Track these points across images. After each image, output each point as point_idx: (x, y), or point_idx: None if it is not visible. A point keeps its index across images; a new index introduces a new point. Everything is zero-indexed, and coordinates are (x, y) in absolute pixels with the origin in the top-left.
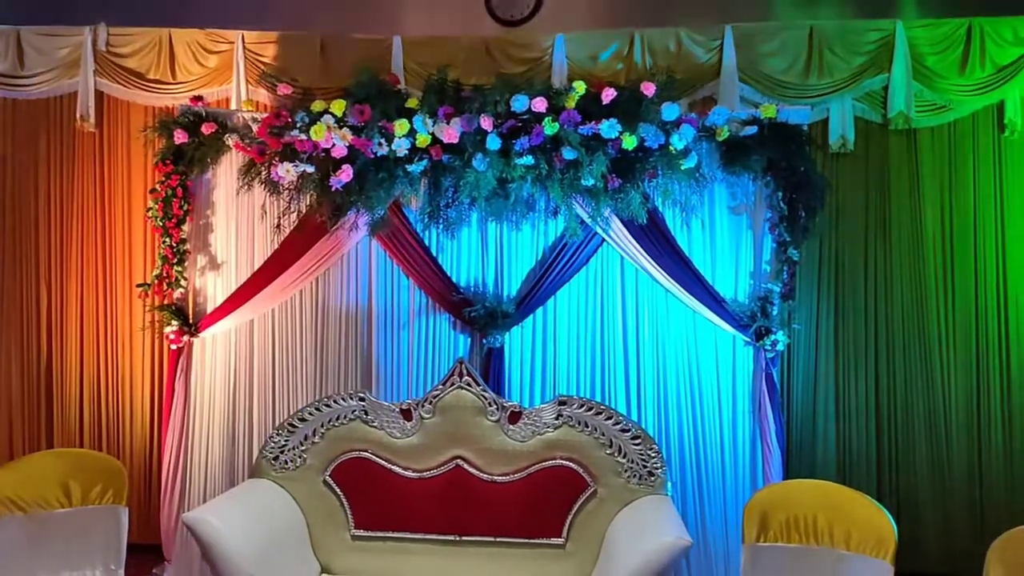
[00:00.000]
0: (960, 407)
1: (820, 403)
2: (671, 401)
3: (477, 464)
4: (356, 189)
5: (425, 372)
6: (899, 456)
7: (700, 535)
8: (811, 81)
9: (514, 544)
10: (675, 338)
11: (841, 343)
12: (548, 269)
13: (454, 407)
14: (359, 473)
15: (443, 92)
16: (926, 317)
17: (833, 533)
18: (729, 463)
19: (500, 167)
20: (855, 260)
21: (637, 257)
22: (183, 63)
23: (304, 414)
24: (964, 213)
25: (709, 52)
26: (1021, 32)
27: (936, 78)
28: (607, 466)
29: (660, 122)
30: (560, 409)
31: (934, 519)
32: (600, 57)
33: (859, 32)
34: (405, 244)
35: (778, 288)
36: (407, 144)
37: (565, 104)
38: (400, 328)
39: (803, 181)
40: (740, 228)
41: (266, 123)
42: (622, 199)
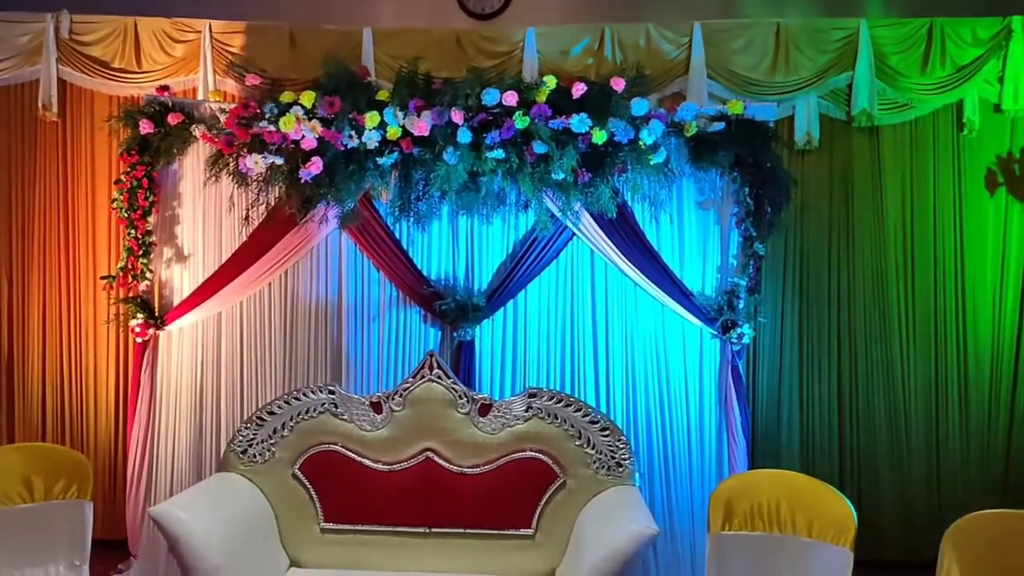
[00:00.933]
0: (919, 398)
1: (784, 394)
2: (639, 393)
3: (447, 456)
4: (326, 181)
5: (395, 365)
6: (860, 445)
7: (667, 524)
8: (778, 78)
9: (484, 536)
10: (643, 331)
11: (805, 336)
12: (519, 263)
13: (424, 400)
14: (328, 466)
15: (414, 85)
16: (887, 310)
17: (795, 521)
18: (696, 454)
19: (471, 160)
20: (819, 255)
21: (607, 251)
22: (149, 52)
23: (273, 407)
24: (924, 209)
25: (678, 48)
26: (980, 33)
27: (898, 77)
28: (576, 457)
29: (630, 117)
30: (530, 401)
31: (893, 506)
32: (571, 52)
33: (824, 31)
34: (375, 237)
35: (744, 282)
36: (377, 136)
37: (536, 98)
38: (370, 321)
39: (769, 177)
40: (708, 223)
41: (234, 114)
42: (592, 193)
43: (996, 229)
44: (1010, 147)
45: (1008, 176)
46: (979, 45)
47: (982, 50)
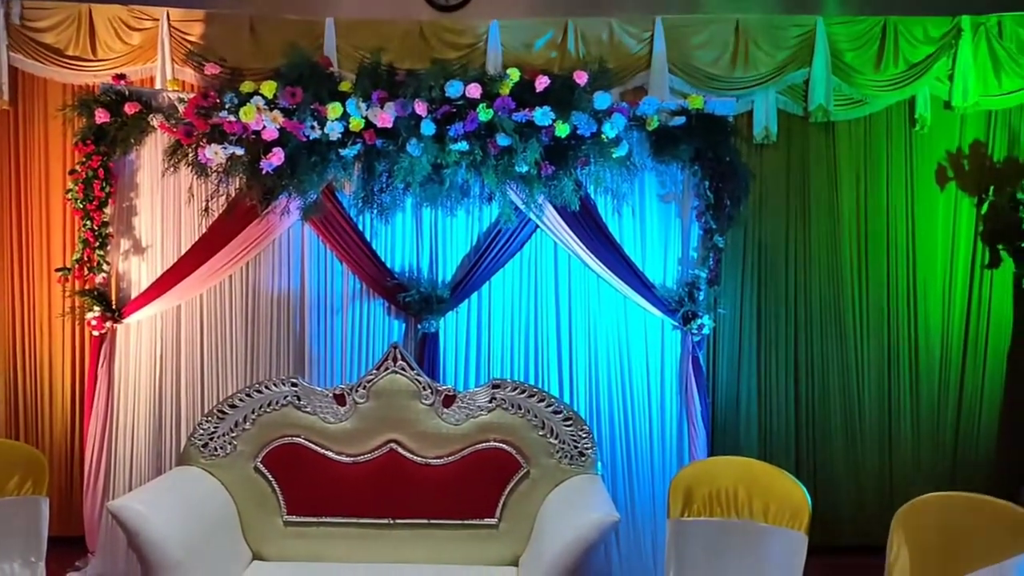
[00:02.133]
0: (872, 387)
1: (743, 384)
2: (602, 383)
3: (411, 448)
4: (288, 173)
5: (359, 357)
6: (816, 433)
7: (629, 511)
8: (737, 74)
9: (448, 526)
10: (606, 322)
11: (763, 327)
12: (483, 255)
13: (388, 391)
14: (291, 459)
15: (377, 76)
16: (841, 301)
17: (752, 506)
18: (657, 442)
19: (434, 152)
20: (777, 247)
21: (570, 243)
22: (104, 40)
23: (234, 400)
24: (877, 202)
25: (640, 43)
26: (931, 32)
27: (853, 73)
28: (540, 447)
29: (592, 111)
30: (494, 392)
31: (847, 492)
32: (534, 45)
33: (782, 27)
34: (338, 229)
35: (704, 274)
36: (340, 128)
37: (499, 91)
38: (334, 314)
39: (728, 171)
40: (669, 216)
41: (193, 103)
42: (555, 186)
43: (946, 222)
44: (959, 143)
45: (957, 171)
46: (930, 43)
47: (933, 48)
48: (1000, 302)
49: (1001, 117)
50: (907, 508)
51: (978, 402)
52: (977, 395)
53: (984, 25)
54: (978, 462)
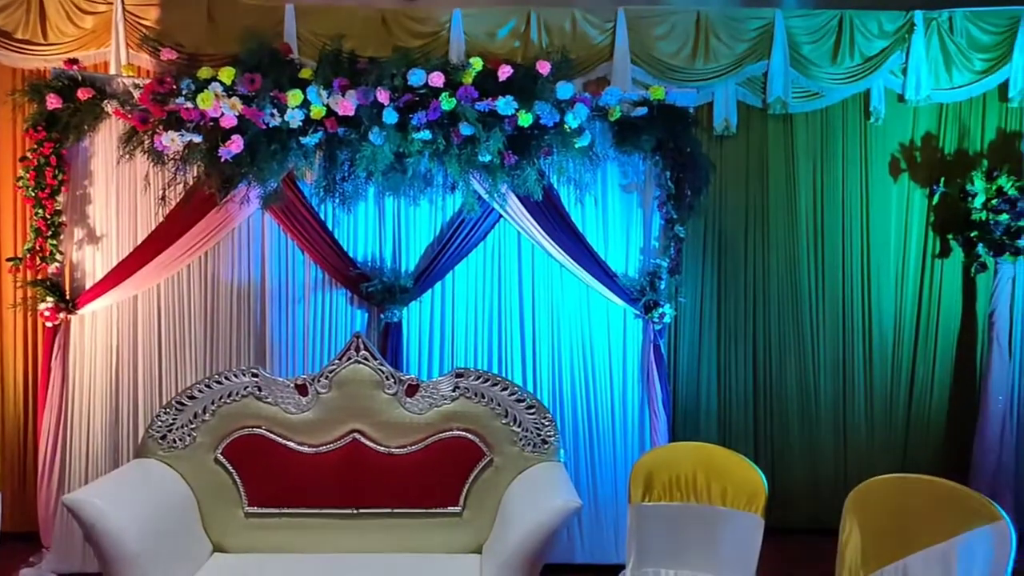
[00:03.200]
0: (828, 373)
1: (704, 371)
2: (565, 372)
3: (374, 437)
4: (247, 160)
5: (321, 348)
6: (774, 419)
7: (592, 497)
8: (697, 65)
9: (412, 515)
10: (569, 311)
11: (723, 315)
12: (446, 244)
13: (351, 381)
14: (252, 450)
15: (338, 63)
16: (799, 290)
17: (711, 490)
18: (619, 429)
19: (397, 141)
20: (736, 236)
21: (533, 233)
22: (56, 23)
23: (193, 391)
24: (833, 193)
25: (603, 33)
26: (885, 26)
27: (811, 66)
28: (503, 436)
29: (555, 101)
30: (457, 381)
31: (803, 476)
32: (497, 34)
33: (742, 20)
34: (300, 218)
35: (666, 263)
36: (301, 115)
37: (462, 80)
38: (295, 303)
39: (689, 161)
40: (631, 206)
41: (149, 89)
42: (518, 175)
43: (899, 213)
44: (912, 135)
45: (910, 163)
46: (885, 37)
47: (888, 42)
48: (950, 290)
49: (952, 110)
50: (859, 490)
51: (928, 387)
52: (928, 380)
53: (936, 20)
54: (928, 445)
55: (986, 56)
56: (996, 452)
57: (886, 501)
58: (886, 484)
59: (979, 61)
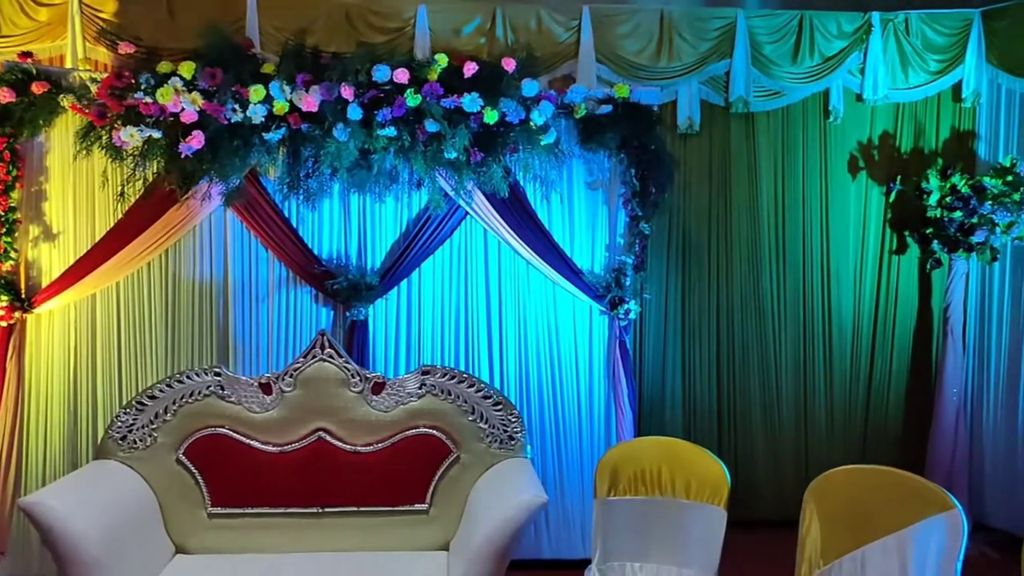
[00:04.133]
0: (789, 367)
1: (668, 367)
2: (532, 368)
3: (340, 435)
4: (208, 156)
5: (286, 346)
6: (737, 414)
7: (559, 492)
8: (661, 64)
9: (378, 513)
10: (536, 308)
11: (687, 311)
12: (412, 241)
13: (316, 379)
14: (215, 450)
15: (301, 58)
16: (761, 286)
17: (675, 484)
18: (585, 425)
19: (362, 138)
20: (700, 233)
21: (499, 230)
22: (8, 15)
23: (154, 391)
24: (794, 190)
25: (568, 31)
26: (844, 26)
27: (772, 66)
28: (470, 432)
29: (520, 98)
30: (423, 379)
31: (766, 470)
32: (462, 31)
33: (705, 19)
34: (263, 215)
35: (631, 260)
36: (263, 111)
37: (427, 76)
38: (259, 301)
39: (654, 159)
40: (596, 203)
41: (106, 84)
42: (484, 172)
43: (857, 210)
44: (870, 134)
45: (868, 161)
46: (844, 37)
47: (846, 42)
48: (906, 285)
49: (908, 110)
50: (818, 482)
51: (886, 380)
52: (885, 374)
53: (892, 22)
54: (887, 437)
55: (940, 57)
56: (951, 443)
57: (844, 492)
58: (844, 475)
59: (934, 62)
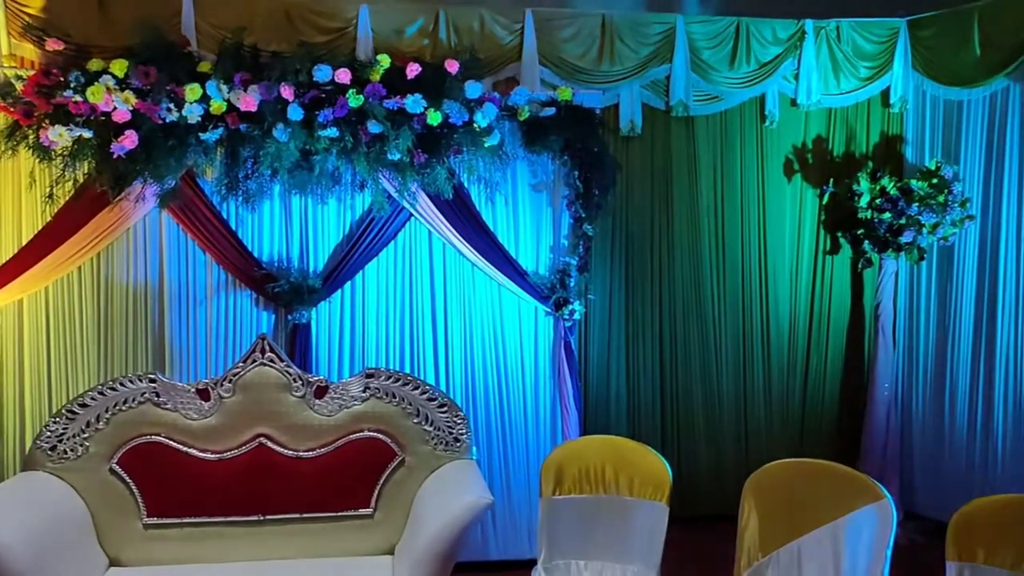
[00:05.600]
0: (730, 366)
1: (613, 367)
2: (478, 370)
3: (282, 441)
4: (142, 157)
5: (226, 351)
6: (680, 411)
7: (505, 493)
8: (603, 68)
9: (322, 519)
10: (481, 310)
11: (631, 311)
12: (355, 243)
13: (256, 384)
14: (151, 458)
15: (239, 57)
16: (701, 286)
17: (619, 481)
18: (531, 425)
19: (303, 138)
20: (643, 235)
21: (444, 232)
22: None
23: (86, 399)
24: (733, 192)
25: (511, 34)
26: (779, 33)
27: (710, 71)
28: (415, 435)
29: (464, 99)
30: (367, 382)
31: (708, 465)
32: (405, 32)
33: (645, 24)
34: (200, 217)
35: (575, 261)
36: (200, 111)
37: (370, 77)
38: (197, 306)
39: (596, 161)
40: (541, 205)
41: (33, 81)
42: (428, 174)
43: (793, 211)
44: (804, 138)
45: (803, 164)
46: (778, 44)
47: (781, 48)
48: (839, 284)
49: (840, 115)
50: (756, 476)
51: (822, 376)
52: (821, 370)
53: (825, 29)
54: (823, 431)
55: (870, 64)
56: (883, 436)
57: (781, 486)
58: (780, 469)
59: (864, 68)
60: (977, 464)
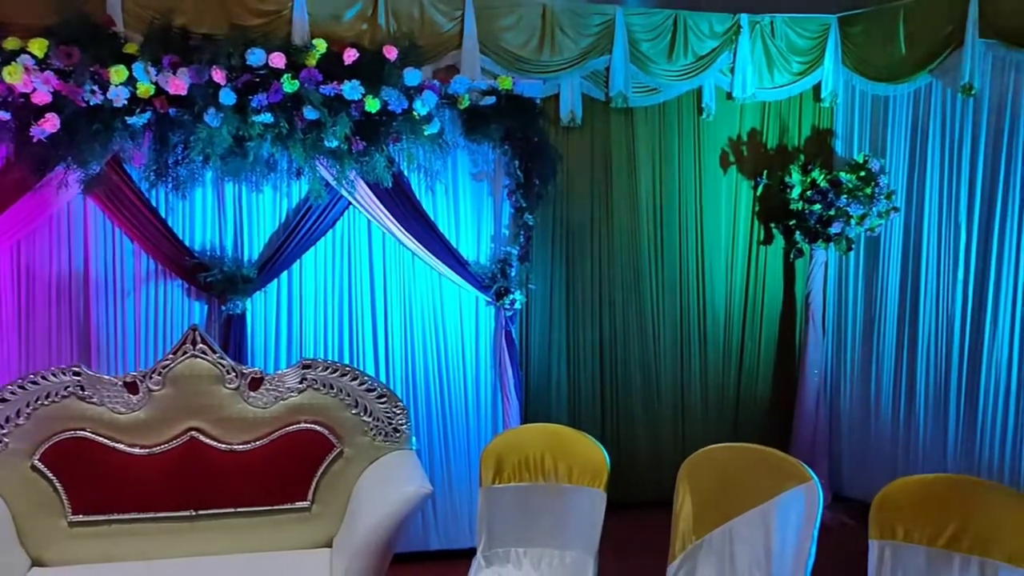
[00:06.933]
0: (668, 354)
1: (554, 356)
2: (418, 360)
3: (214, 435)
4: (65, 141)
5: (156, 343)
6: (619, 398)
7: (446, 482)
8: (544, 57)
9: (257, 513)
10: (422, 299)
11: (572, 300)
12: (292, 232)
13: (187, 377)
14: (76, 454)
15: (168, 39)
16: (640, 276)
17: (558, 469)
18: (472, 414)
19: (236, 124)
20: (583, 225)
21: (383, 221)
22: None
23: (5, 394)
24: (670, 183)
25: (452, 21)
26: (715, 27)
27: (649, 63)
28: (353, 426)
29: (403, 87)
30: (304, 373)
31: (647, 452)
32: (343, 16)
33: (585, 15)
34: (127, 204)
35: (516, 251)
36: (126, 94)
37: (305, 62)
38: (125, 296)
39: (537, 151)
40: (482, 194)
41: None
42: (367, 162)
43: (728, 202)
44: (739, 131)
45: (738, 156)
46: (715, 37)
47: (717, 42)
48: (773, 274)
49: (773, 108)
50: (690, 461)
51: (756, 363)
52: (755, 357)
53: (759, 24)
54: (757, 417)
55: (802, 59)
56: (813, 421)
57: (714, 470)
58: (713, 454)
59: (796, 63)
60: (900, 446)
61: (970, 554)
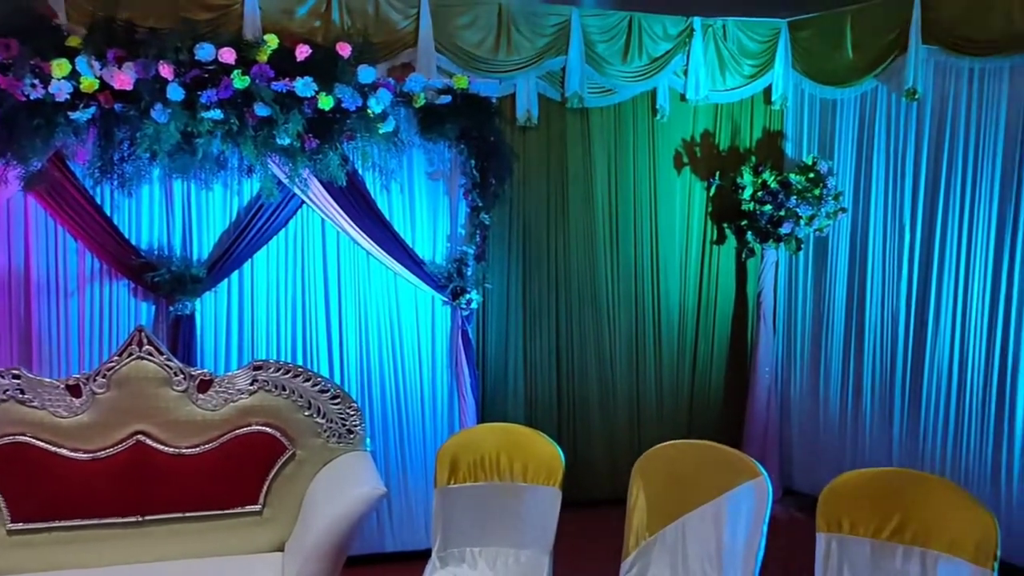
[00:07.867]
0: (623, 353)
1: (511, 355)
2: (374, 360)
3: (161, 438)
4: (3, 136)
5: (100, 345)
6: (576, 397)
7: (402, 483)
8: (500, 57)
9: (207, 517)
10: (377, 299)
11: (528, 300)
12: (243, 231)
13: (132, 379)
14: (15, 460)
15: (112, 32)
16: (596, 273)
17: (513, 468)
18: (428, 414)
19: (184, 120)
20: (539, 224)
21: (337, 219)
22: None
23: None
24: (626, 183)
25: (407, 19)
26: (669, 29)
27: (604, 64)
28: (306, 428)
29: (357, 84)
30: (255, 374)
31: (602, 450)
32: (296, 12)
33: (541, 15)
34: (70, 201)
35: (472, 250)
36: (68, 88)
37: (256, 57)
38: (68, 296)
39: (493, 150)
40: (437, 193)
41: None
42: (320, 160)
43: (682, 203)
44: (693, 132)
45: (691, 157)
46: (669, 40)
47: (671, 44)
48: (725, 273)
49: (725, 110)
50: (643, 458)
51: (709, 361)
52: (708, 355)
53: (712, 27)
54: (710, 414)
55: (754, 62)
56: (764, 417)
57: (667, 466)
58: (666, 451)
59: (748, 67)
60: (848, 441)
61: (912, 545)
